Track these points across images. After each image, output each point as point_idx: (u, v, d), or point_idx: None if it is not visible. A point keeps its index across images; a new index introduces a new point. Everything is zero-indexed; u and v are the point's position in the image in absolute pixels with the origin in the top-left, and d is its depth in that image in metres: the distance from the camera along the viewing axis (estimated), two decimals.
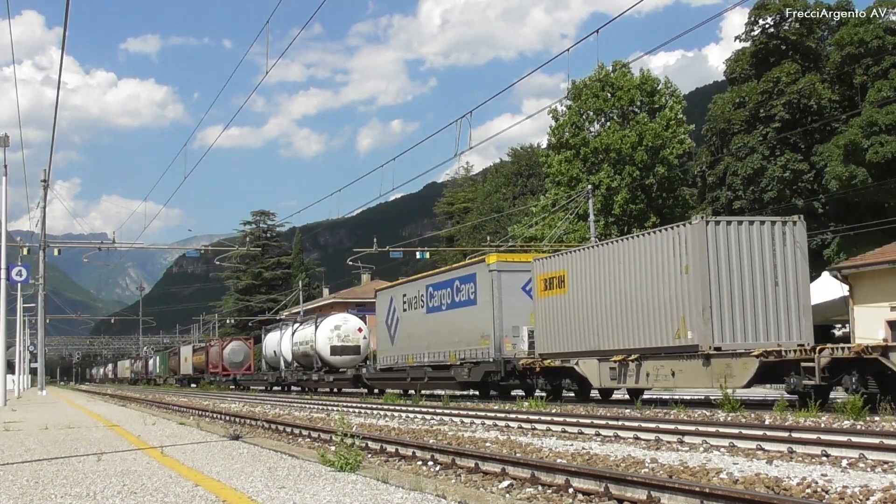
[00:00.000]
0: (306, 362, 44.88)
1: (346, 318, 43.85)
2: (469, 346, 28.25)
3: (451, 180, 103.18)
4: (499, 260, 27.69)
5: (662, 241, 20.20)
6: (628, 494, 7.14)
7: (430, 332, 31.17)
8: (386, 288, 38.26)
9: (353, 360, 41.97)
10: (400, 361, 33.92)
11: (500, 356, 26.64)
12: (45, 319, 48.67)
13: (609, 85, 53.05)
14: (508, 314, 26.67)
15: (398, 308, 34.52)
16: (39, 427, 15.91)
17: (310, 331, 44.14)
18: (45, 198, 40.86)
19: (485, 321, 27.23)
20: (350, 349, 42.38)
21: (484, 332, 27.31)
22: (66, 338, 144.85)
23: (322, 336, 42.69)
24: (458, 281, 29.46)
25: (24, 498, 6.81)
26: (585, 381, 22.94)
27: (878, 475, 8.06)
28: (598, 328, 22.27)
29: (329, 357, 42.30)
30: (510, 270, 27.12)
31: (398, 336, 34.40)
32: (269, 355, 53.26)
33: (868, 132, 42.00)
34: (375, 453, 11.47)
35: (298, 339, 45.85)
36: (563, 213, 48.96)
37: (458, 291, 29.47)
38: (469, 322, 28.30)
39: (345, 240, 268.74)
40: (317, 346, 42.68)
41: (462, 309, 28.99)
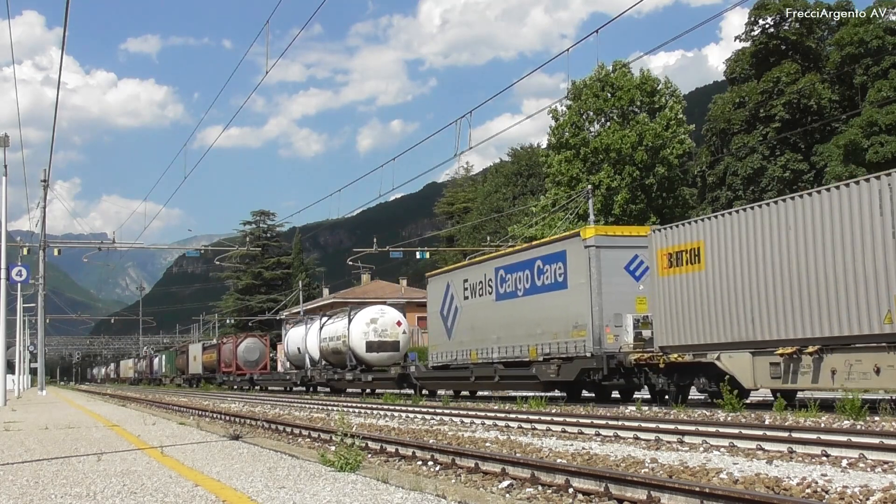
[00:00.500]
0: (337, 360, 40.66)
1: (383, 311, 39.40)
2: (556, 338, 23.74)
3: (451, 180, 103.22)
4: (597, 234, 23.03)
5: (857, 196, 15.82)
6: (628, 494, 7.14)
7: (501, 323, 26.77)
8: (440, 273, 33.07)
9: (391, 357, 37.54)
10: (460, 358, 29.39)
11: (600, 350, 22.08)
12: (45, 319, 48.67)
13: (609, 85, 53.04)
14: (609, 299, 22.23)
15: (457, 296, 30.03)
16: (39, 427, 15.91)
17: (341, 325, 39.66)
18: (45, 198, 40.88)
19: (579, 308, 22.71)
20: (388, 345, 37.94)
21: (577, 321, 22.77)
22: (66, 338, 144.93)
23: (357, 330, 38.14)
24: (541, 261, 24.75)
25: (24, 498, 6.81)
26: (729, 380, 17.88)
27: (878, 475, 8.06)
28: (753, 313, 17.87)
29: (365, 354, 37.76)
30: (612, 246, 22.58)
31: (457, 328, 29.93)
32: (292, 353, 48.29)
33: (868, 132, 42.02)
34: (375, 453, 11.47)
35: (328, 335, 41.55)
36: (563, 213, 48.95)
37: (540, 273, 24.81)
38: (556, 310, 23.75)
39: (345, 240, 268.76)
40: (351, 341, 38.14)
41: (546, 294, 24.42)
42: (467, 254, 60.75)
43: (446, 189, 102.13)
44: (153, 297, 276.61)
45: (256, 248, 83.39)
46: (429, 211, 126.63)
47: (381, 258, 56.43)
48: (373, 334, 37.99)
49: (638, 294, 22.05)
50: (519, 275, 26.09)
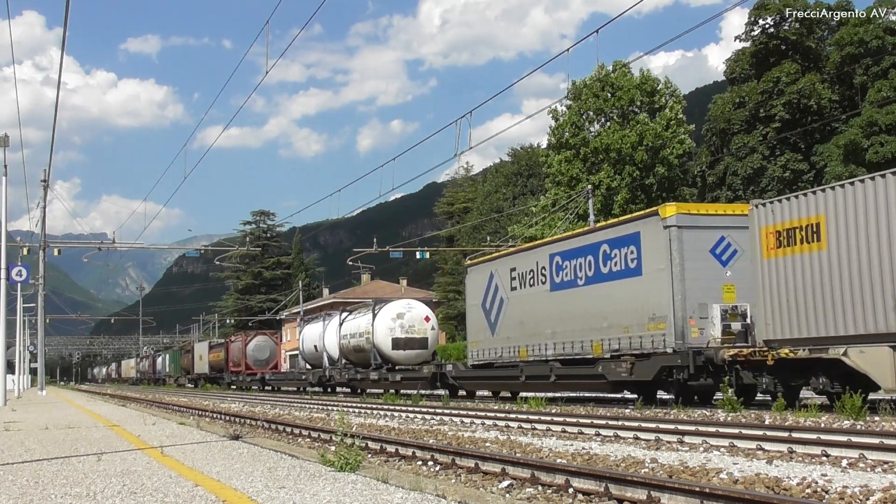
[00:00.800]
0: (359, 359, 38.13)
1: (410, 305, 36.89)
2: (628, 332, 21.17)
3: (451, 180, 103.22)
4: (680, 212, 20.19)
5: None
6: (628, 494, 7.14)
7: (557, 316, 24.11)
8: (481, 261, 30.16)
9: (418, 355, 35.27)
10: (506, 355, 26.80)
11: (684, 345, 19.50)
12: (45, 319, 48.67)
13: (609, 85, 53.05)
14: (693, 287, 19.73)
15: (502, 286, 27.33)
16: (39, 427, 15.91)
17: (364, 320, 37.15)
18: (45, 198, 40.88)
19: (657, 297, 20.24)
20: (416, 342, 35.39)
21: (655, 312, 20.26)
22: (66, 338, 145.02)
23: (382, 326, 35.61)
24: (608, 245, 22.14)
25: (24, 498, 6.81)
26: (859, 380, 15.66)
27: (878, 475, 8.06)
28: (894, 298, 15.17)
29: (390, 352, 35.28)
30: (696, 227, 20.10)
31: (503, 322, 27.20)
32: (308, 351, 45.88)
33: (868, 132, 42.02)
34: (375, 453, 11.47)
35: (349, 331, 38.95)
36: (562, 213, 48.96)
37: (606, 259, 22.17)
38: (628, 300, 21.28)
39: (345, 240, 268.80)
40: (375, 338, 35.67)
41: (615, 282, 21.80)
42: (467, 254, 60.82)
43: (446, 189, 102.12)
44: (153, 297, 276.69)
45: (256, 248, 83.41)
46: (429, 211, 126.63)
47: (381, 258, 56.43)
48: (399, 330, 35.35)
49: (725, 281, 19.65)
50: (580, 261, 23.28)
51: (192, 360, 73.15)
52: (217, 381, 64.40)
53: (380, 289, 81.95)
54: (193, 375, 72.77)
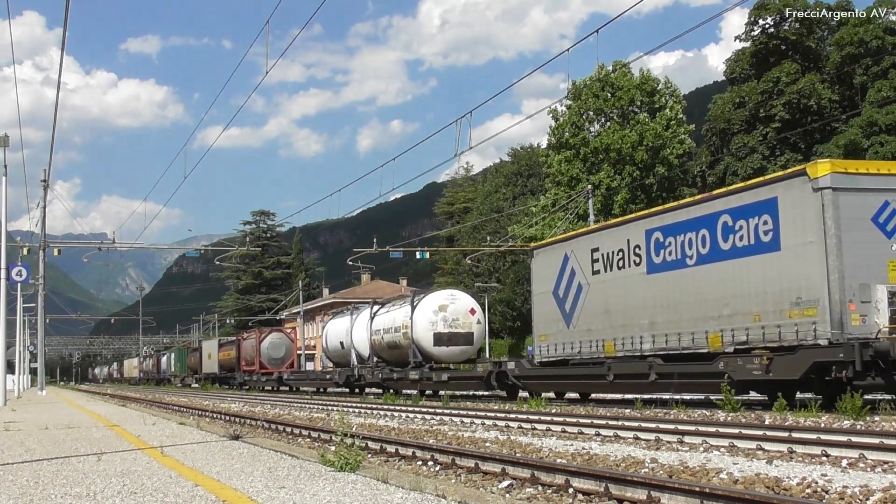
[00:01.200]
0: (393, 356, 34.56)
1: (453, 296, 32.88)
2: (760, 320, 17.75)
3: (451, 180, 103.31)
4: (835, 170, 16.72)
5: None
6: (628, 494, 7.14)
7: (656, 303, 20.77)
8: (552, 242, 26.65)
9: (463, 352, 31.91)
10: (586, 350, 23.21)
11: (842, 335, 16.09)
12: (45, 319, 48.69)
13: (609, 85, 53.09)
14: (851, 264, 16.36)
15: (581, 270, 23.68)
16: (39, 427, 15.91)
17: (401, 314, 33.54)
18: (45, 198, 40.90)
19: (803, 277, 16.88)
20: (460, 337, 31.73)
21: (801, 294, 16.90)
22: (66, 338, 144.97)
23: (422, 320, 31.83)
24: (730, 215, 18.63)
25: (24, 498, 6.81)
26: None
27: (878, 475, 8.06)
28: None
29: (432, 349, 31.57)
30: (855, 189, 16.70)
31: (581, 312, 23.56)
32: (333, 348, 42.16)
33: (868, 132, 42.04)
34: (375, 453, 11.47)
35: (382, 326, 35.24)
36: (563, 213, 48.97)
37: (728, 232, 18.65)
38: (759, 281, 17.87)
39: (345, 240, 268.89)
40: (414, 333, 31.95)
41: (741, 261, 18.28)
42: (467, 254, 60.88)
43: (446, 189, 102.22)
44: (153, 297, 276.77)
45: (256, 248, 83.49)
46: (429, 211, 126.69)
47: (381, 258, 56.40)
48: (441, 324, 31.62)
49: (891, 256, 16.53)
50: (689, 237, 19.84)
51: (200, 359, 70.32)
52: (227, 382, 61.67)
53: (380, 289, 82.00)
54: (202, 375, 69.80)
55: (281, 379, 49.90)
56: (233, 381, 58.71)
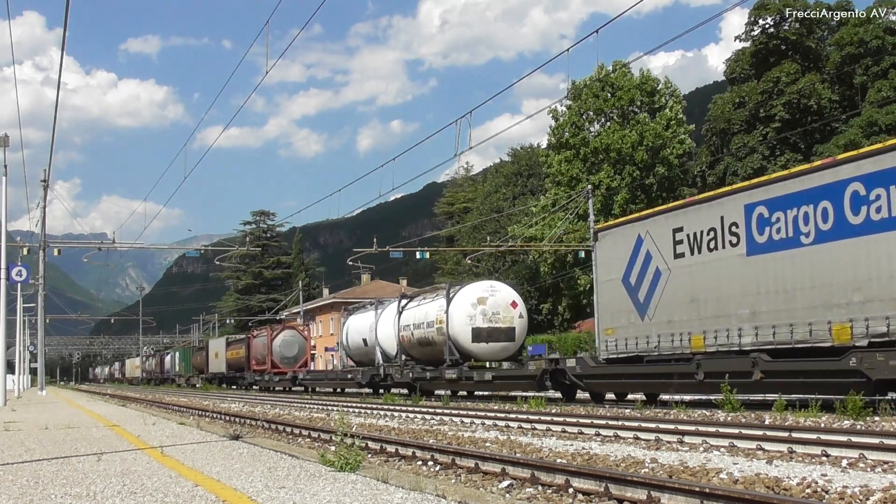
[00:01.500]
0: (424, 354, 31.85)
1: (493, 288, 30.10)
2: None
3: (451, 180, 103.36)
4: None
5: None
6: (628, 494, 7.14)
7: (760, 289, 18.13)
8: (621, 223, 23.60)
9: (504, 349, 29.32)
10: (667, 344, 20.42)
11: None
12: (45, 319, 48.69)
13: (609, 85, 53.11)
14: None
15: (660, 253, 20.92)
16: (39, 427, 15.91)
17: (434, 307, 30.88)
18: (45, 198, 40.91)
19: None
20: (501, 333, 29.17)
21: None
22: (66, 338, 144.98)
23: (459, 314, 29.22)
24: (863, 182, 16.00)
25: (24, 498, 6.81)
26: None
27: (878, 475, 8.06)
28: None
29: (470, 345, 29.01)
30: None
31: (661, 301, 20.73)
32: (354, 345, 39.33)
33: (868, 132, 42.04)
34: (375, 453, 11.47)
35: (412, 321, 32.53)
36: (562, 213, 48.97)
37: (860, 203, 16.04)
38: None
39: (345, 240, 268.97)
40: (451, 328, 29.29)
41: (878, 237, 15.67)
42: (467, 254, 60.90)
43: (446, 189, 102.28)
44: (153, 297, 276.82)
45: (256, 248, 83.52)
46: (429, 211, 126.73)
47: (381, 258, 56.37)
48: (481, 318, 28.94)
49: None
50: (804, 210, 17.21)
51: (207, 359, 67.44)
52: (235, 382, 59.06)
53: (380, 289, 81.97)
54: (208, 375, 66.92)
55: (296, 379, 47.15)
56: (242, 381, 56.43)
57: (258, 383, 52.26)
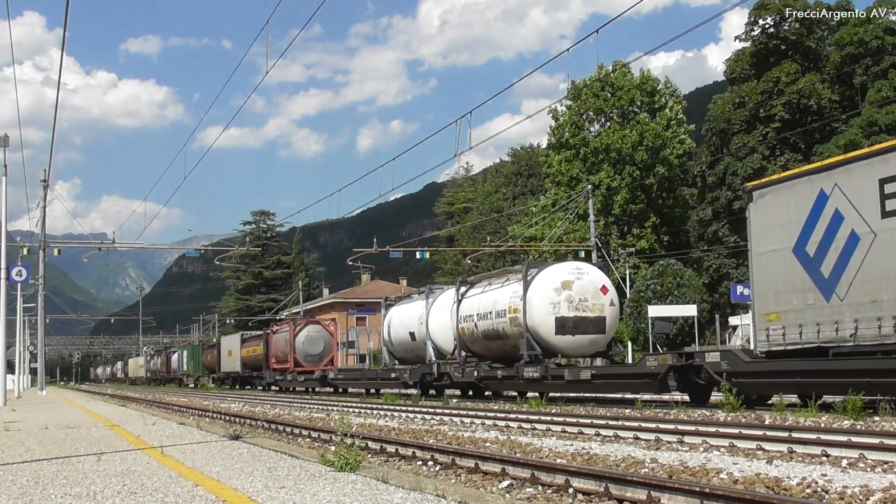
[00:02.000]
0: (494, 349, 27.36)
1: (580, 270, 25.48)
2: None
3: (451, 180, 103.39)
4: None
5: None
6: (628, 494, 7.14)
7: None
8: (794, 176, 18.14)
9: (592, 343, 24.97)
10: (868, 332, 15.82)
11: None
12: (45, 319, 48.72)
13: (609, 85, 53.12)
14: None
15: (856, 211, 16.17)
16: (39, 427, 15.91)
17: (507, 293, 26.21)
18: (45, 198, 40.98)
19: None
20: (589, 323, 24.67)
21: None
22: (66, 338, 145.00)
23: (540, 301, 24.58)
24: None
25: (24, 498, 6.81)
26: None
27: (878, 475, 8.06)
28: None
29: (553, 338, 24.40)
30: None
31: (859, 275, 16.07)
32: (399, 340, 34.64)
33: (868, 132, 42.05)
34: (375, 453, 11.48)
35: (475, 310, 27.81)
36: (562, 213, 48.98)
37: None
38: None
39: (345, 240, 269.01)
40: (530, 318, 24.69)
41: None
42: (467, 254, 60.92)
43: (446, 189, 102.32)
44: (153, 297, 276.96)
45: (256, 248, 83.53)
46: (429, 211, 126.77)
47: (381, 258, 56.40)
48: (566, 306, 24.48)
49: None
50: None
51: (219, 357, 63.24)
52: (251, 382, 55.15)
53: (380, 289, 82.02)
54: (220, 374, 62.91)
55: (325, 378, 42.09)
56: (260, 381, 52.10)
57: (279, 383, 48.49)
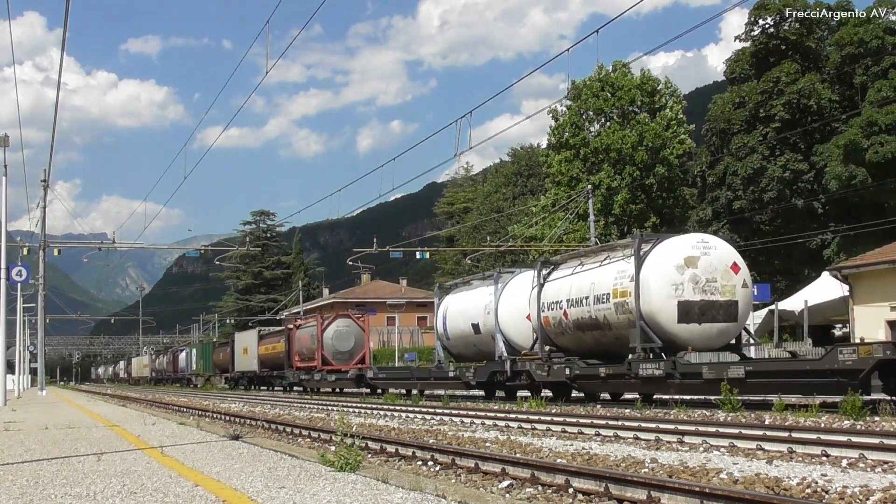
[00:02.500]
0: (587, 342, 22.81)
1: (706, 244, 20.60)
2: None
3: (451, 180, 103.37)
4: None
5: None
6: (628, 494, 7.14)
7: None
8: None
9: (722, 333, 20.32)
10: None
11: None
12: (45, 319, 48.71)
13: (609, 85, 53.11)
14: None
15: None
16: (39, 427, 15.91)
17: (612, 272, 21.56)
18: (45, 198, 40.96)
19: None
20: (720, 309, 20.08)
21: None
22: (66, 338, 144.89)
23: (658, 281, 20.13)
24: None
25: (24, 498, 6.81)
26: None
27: (878, 475, 8.06)
28: None
29: (675, 327, 19.89)
30: None
31: None
32: (458, 334, 30.11)
33: (868, 132, 42.02)
34: (375, 453, 11.47)
35: (565, 294, 23.11)
36: (563, 213, 48.98)
37: None
38: None
39: (345, 240, 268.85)
40: (646, 302, 20.17)
41: None
42: (467, 254, 60.90)
43: (446, 189, 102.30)
44: (153, 297, 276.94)
45: (256, 248, 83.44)
46: (429, 211, 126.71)
47: (381, 258, 56.36)
48: (690, 288, 19.98)
49: None
50: None
51: (233, 355, 58.84)
52: (271, 382, 51.30)
53: (380, 288, 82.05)
54: (234, 374, 58.70)
55: (361, 378, 38.06)
56: (281, 381, 47.98)
57: (304, 384, 43.96)
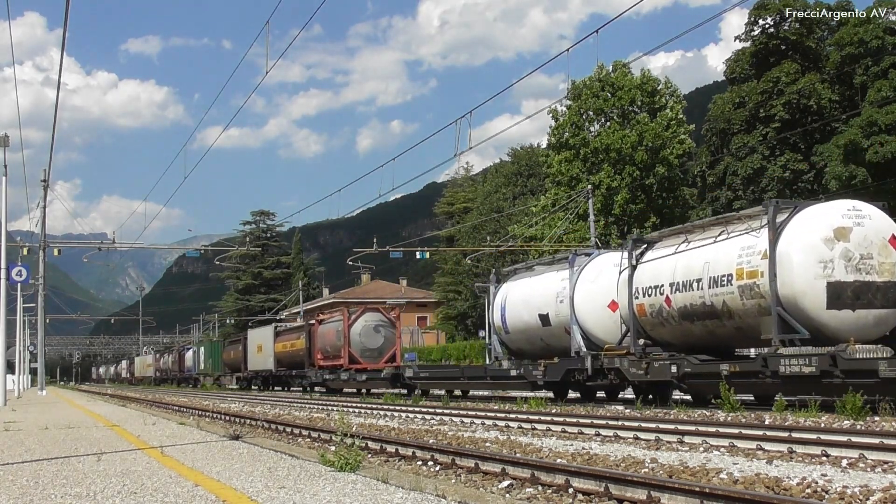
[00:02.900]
0: (694, 334, 19.40)
1: (858, 212, 17.16)
2: None
3: (451, 180, 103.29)
4: None
5: None
6: (628, 494, 7.14)
7: None
8: None
9: (880, 321, 16.73)
10: None
11: None
12: (45, 319, 48.70)
13: (609, 85, 53.09)
14: None
15: None
16: (39, 427, 15.91)
17: (735, 248, 17.99)
18: (45, 198, 40.94)
19: None
20: (878, 291, 16.70)
21: None
22: (66, 338, 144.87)
23: (802, 255, 16.71)
24: None
25: (24, 498, 6.81)
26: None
27: (878, 475, 8.06)
28: None
29: (824, 314, 16.49)
30: None
31: None
32: (520, 327, 26.35)
33: (868, 132, 42.02)
34: (375, 453, 11.47)
35: (666, 277, 19.71)
36: (563, 213, 48.96)
37: None
38: None
39: (345, 240, 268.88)
40: (784, 284, 16.67)
41: None
42: (467, 254, 60.86)
43: (446, 189, 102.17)
44: (153, 297, 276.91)
45: (256, 248, 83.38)
46: (429, 211, 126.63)
47: (381, 258, 56.33)
48: (842, 266, 16.61)
49: None
50: None
51: (245, 353, 55.16)
52: (289, 382, 47.82)
53: (380, 288, 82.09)
54: (246, 374, 55.21)
55: (398, 377, 34.16)
56: (302, 381, 44.39)
57: (328, 384, 40.54)
